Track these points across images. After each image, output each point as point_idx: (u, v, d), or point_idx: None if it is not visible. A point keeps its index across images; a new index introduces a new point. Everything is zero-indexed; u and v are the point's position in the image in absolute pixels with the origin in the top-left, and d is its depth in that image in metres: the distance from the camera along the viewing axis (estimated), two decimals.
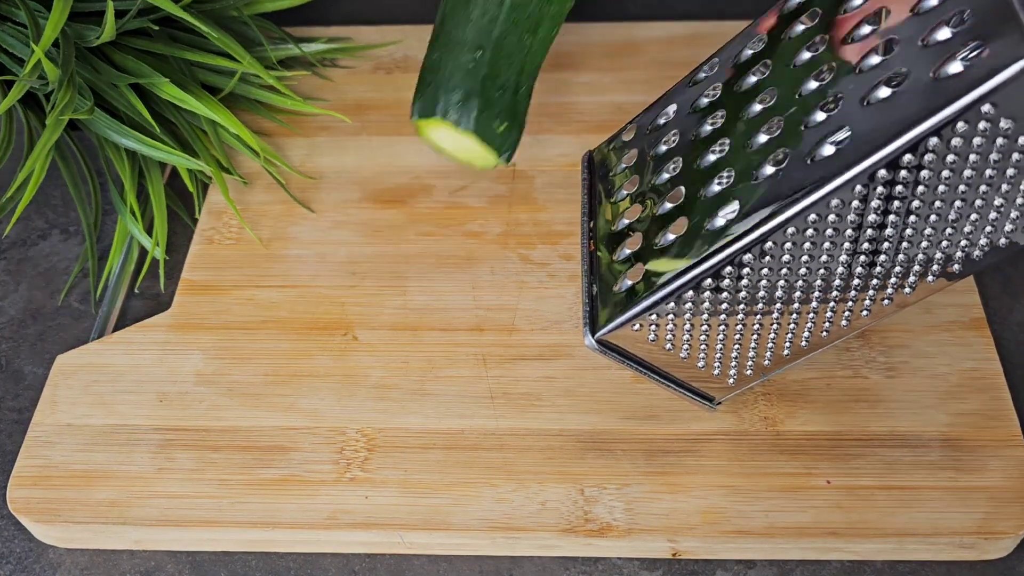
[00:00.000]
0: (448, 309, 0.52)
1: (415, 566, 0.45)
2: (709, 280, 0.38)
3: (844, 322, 0.40)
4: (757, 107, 0.38)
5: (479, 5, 0.46)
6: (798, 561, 0.44)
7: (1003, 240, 0.36)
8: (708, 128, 0.40)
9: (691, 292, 0.38)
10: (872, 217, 0.36)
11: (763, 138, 0.37)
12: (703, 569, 0.45)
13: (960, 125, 0.32)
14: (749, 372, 0.43)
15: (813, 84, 0.37)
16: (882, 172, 0.34)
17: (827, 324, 0.41)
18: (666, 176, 0.40)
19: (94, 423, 0.48)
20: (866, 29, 0.36)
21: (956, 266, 0.38)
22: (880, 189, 0.35)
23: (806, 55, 0.38)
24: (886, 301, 0.40)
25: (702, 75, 0.42)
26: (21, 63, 0.52)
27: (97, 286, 0.55)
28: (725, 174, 0.38)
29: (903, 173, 0.34)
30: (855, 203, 0.35)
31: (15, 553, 0.46)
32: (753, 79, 0.39)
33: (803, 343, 0.42)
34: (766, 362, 0.43)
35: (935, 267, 0.38)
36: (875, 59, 0.35)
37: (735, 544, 0.44)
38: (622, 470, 0.45)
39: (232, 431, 0.47)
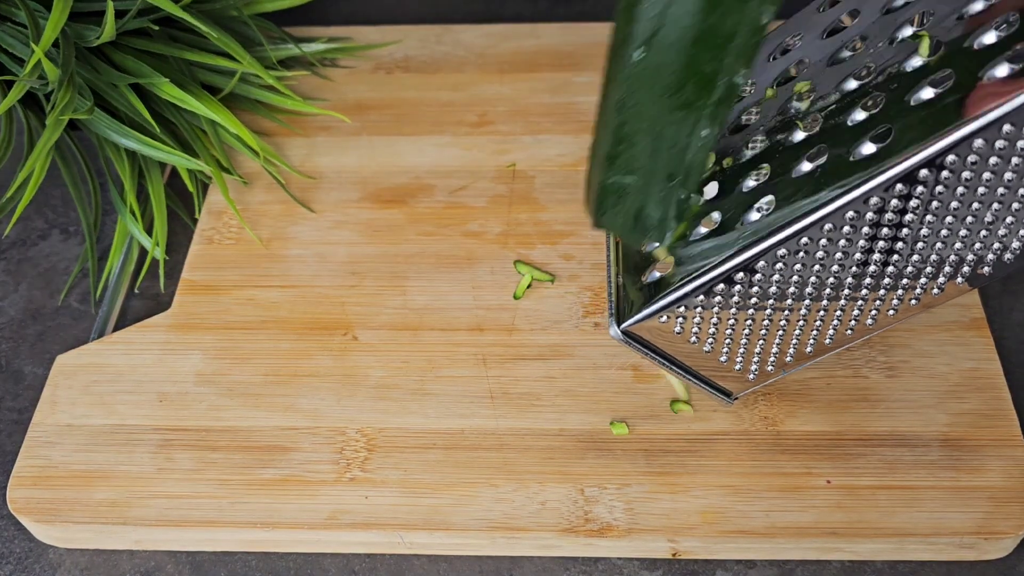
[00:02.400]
0: (448, 309, 0.52)
1: (415, 566, 0.45)
2: (742, 274, 0.37)
3: (870, 320, 0.40)
4: (795, 104, 0.38)
5: None
6: (798, 561, 0.44)
7: None
8: (743, 121, 0.40)
9: (722, 286, 0.38)
10: (909, 217, 0.35)
11: (800, 135, 0.37)
12: (703, 569, 0.45)
13: (1007, 128, 0.32)
14: (771, 368, 0.43)
15: (853, 83, 0.36)
16: (923, 172, 0.34)
17: (852, 322, 0.40)
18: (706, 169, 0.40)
19: (94, 423, 0.48)
20: (908, 30, 0.36)
21: (987, 268, 0.38)
22: (920, 189, 0.34)
23: (846, 54, 0.38)
24: (913, 301, 0.39)
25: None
26: (21, 63, 0.52)
27: (97, 286, 0.55)
28: (763, 169, 0.37)
29: (944, 174, 0.34)
30: (894, 202, 0.35)
31: (15, 553, 0.46)
32: (789, 76, 0.39)
33: (827, 340, 0.41)
34: (788, 358, 0.42)
35: (965, 268, 0.38)
36: (917, 61, 0.35)
37: (735, 544, 0.44)
38: (622, 470, 0.45)
39: (232, 431, 0.47)
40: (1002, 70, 0.32)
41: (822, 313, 0.40)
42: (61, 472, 0.46)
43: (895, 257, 0.37)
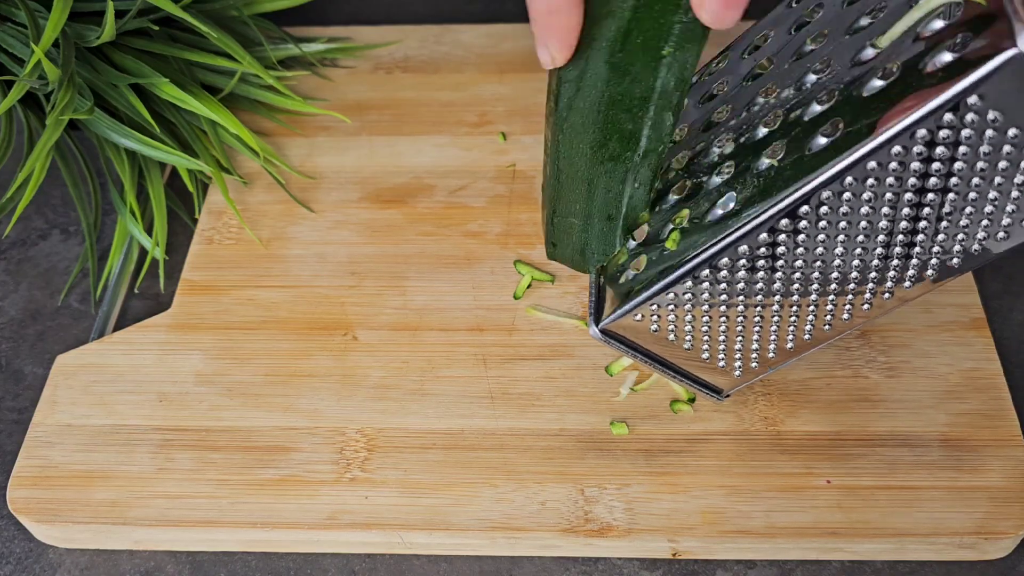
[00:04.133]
0: (448, 309, 0.52)
1: (415, 566, 0.45)
2: (707, 271, 0.38)
3: (845, 316, 0.41)
4: (760, 100, 0.38)
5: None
6: (798, 561, 0.44)
7: (1001, 234, 0.37)
8: (714, 119, 0.40)
9: (689, 283, 0.38)
10: (864, 210, 0.36)
11: (762, 131, 0.37)
12: (703, 569, 0.45)
13: (947, 117, 0.32)
14: (755, 365, 0.43)
15: (811, 77, 0.37)
16: (871, 164, 0.34)
17: (828, 318, 0.41)
18: (673, 169, 0.41)
19: (94, 423, 0.48)
20: (864, 21, 0.36)
21: (955, 260, 0.38)
22: (870, 182, 0.35)
23: (808, 47, 0.38)
24: (886, 295, 0.40)
25: (711, 70, 0.42)
26: (21, 63, 0.52)
27: (97, 286, 0.55)
28: (726, 167, 0.38)
29: (893, 164, 0.34)
30: (846, 195, 0.35)
31: (15, 553, 0.46)
32: (755, 73, 0.40)
33: (806, 336, 0.42)
34: (770, 355, 0.43)
35: (934, 261, 0.38)
36: (870, 52, 0.35)
37: (735, 544, 0.44)
38: (622, 470, 0.45)
39: (232, 431, 0.47)
40: (944, 58, 0.32)
41: (795, 309, 0.40)
42: (61, 472, 0.46)
43: (858, 251, 0.38)
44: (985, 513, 0.43)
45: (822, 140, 0.35)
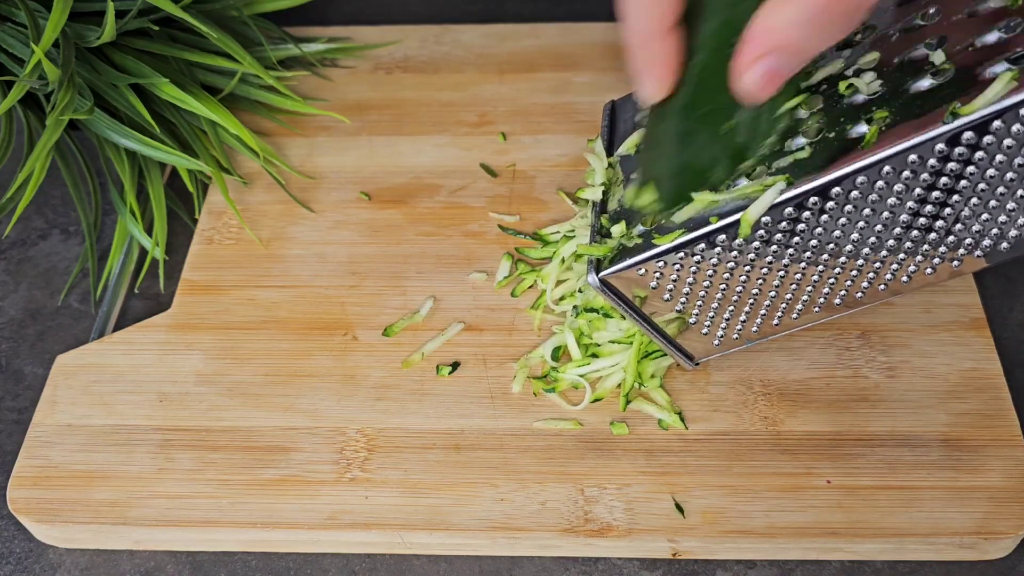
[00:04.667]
0: (448, 309, 0.52)
1: (415, 566, 0.45)
2: (723, 237, 0.38)
3: (838, 300, 0.41)
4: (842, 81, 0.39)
5: None
6: (798, 561, 0.44)
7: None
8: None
9: (703, 245, 0.39)
10: (891, 200, 0.37)
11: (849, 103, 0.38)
12: (703, 569, 0.45)
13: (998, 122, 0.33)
14: (736, 336, 0.44)
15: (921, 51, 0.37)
16: (912, 157, 0.35)
17: (822, 300, 0.42)
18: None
19: (94, 423, 0.48)
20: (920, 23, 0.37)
21: (935, 260, 0.39)
22: (906, 173, 0.35)
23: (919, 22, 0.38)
24: (882, 287, 0.41)
25: None
26: (21, 63, 0.52)
27: (97, 286, 0.55)
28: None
29: (932, 162, 0.35)
30: (879, 183, 0.36)
31: (15, 553, 0.46)
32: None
33: (794, 315, 0.42)
34: (754, 329, 0.43)
35: (936, 260, 0.39)
36: (921, 51, 0.36)
37: (735, 544, 0.44)
38: (622, 470, 0.45)
39: (232, 431, 0.47)
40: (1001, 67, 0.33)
41: (794, 286, 0.41)
42: (61, 472, 0.46)
43: (871, 240, 0.38)
44: (985, 513, 0.43)
45: (863, 127, 0.35)
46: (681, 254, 0.39)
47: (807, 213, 0.37)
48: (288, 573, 0.45)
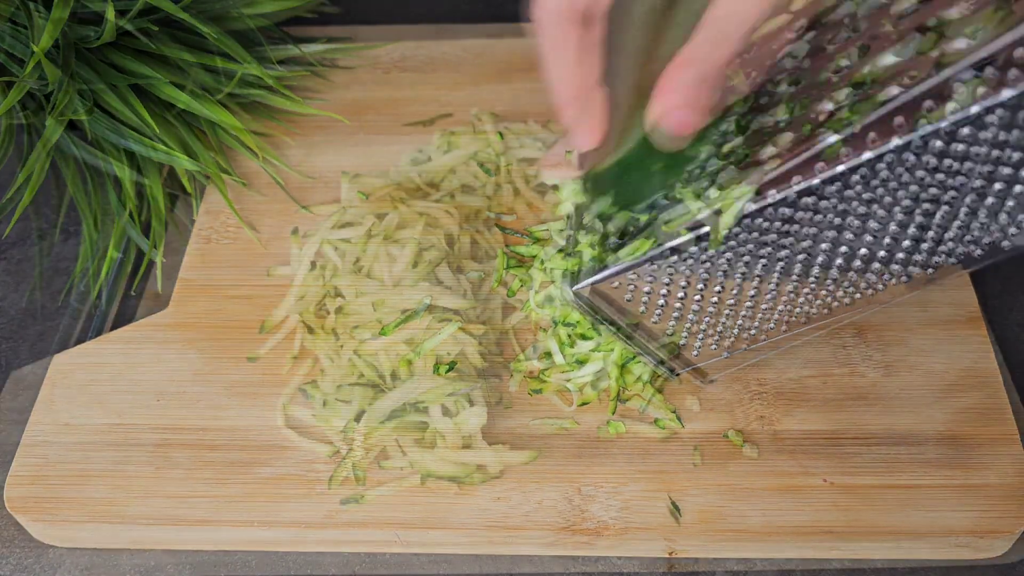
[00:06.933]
0: (445, 308, 0.52)
1: (415, 565, 0.45)
2: (694, 248, 0.38)
3: (813, 310, 0.41)
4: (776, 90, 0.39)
5: None
6: (797, 561, 0.44)
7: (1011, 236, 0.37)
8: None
9: (674, 257, 0.38)
10: (860, 209, 0.36)
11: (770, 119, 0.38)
12: (701, 569, 0.44)
13: (994, 114, 0.33)
14: (714, 347, 0.43)
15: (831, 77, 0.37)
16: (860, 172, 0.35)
17: (798, 311, 0.41)
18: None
19: (92, 422, 0.48)
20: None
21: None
22: (874, 182, 0.35)
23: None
24: (858, 295, 0.40)
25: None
26: (21, 63, 0.53)
27: (96, 286, 0.55)
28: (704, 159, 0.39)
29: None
30: (849, 191, 0.36)
31: (15, 553, 0.46)
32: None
33: (770, 325, 0.42)
34: (728, 341, 0.43)
35: (891, 267, 0.39)
36: (891, 59, 0.35)
37: (732, 544, 0.44)
38: (618, 469, 0.45)
39: (230, 430, 0.47)
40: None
41: (770, 297, 0.41)
42: (59, 471, 0.46)
43: (842, 249, 0.38)
44: (983, 511, 0.43)
45: (830, 137, 0.35)
46: (655, 265, 0.39)
47: (777, 223, 0.37)
48: (288, 572, 0.45)
